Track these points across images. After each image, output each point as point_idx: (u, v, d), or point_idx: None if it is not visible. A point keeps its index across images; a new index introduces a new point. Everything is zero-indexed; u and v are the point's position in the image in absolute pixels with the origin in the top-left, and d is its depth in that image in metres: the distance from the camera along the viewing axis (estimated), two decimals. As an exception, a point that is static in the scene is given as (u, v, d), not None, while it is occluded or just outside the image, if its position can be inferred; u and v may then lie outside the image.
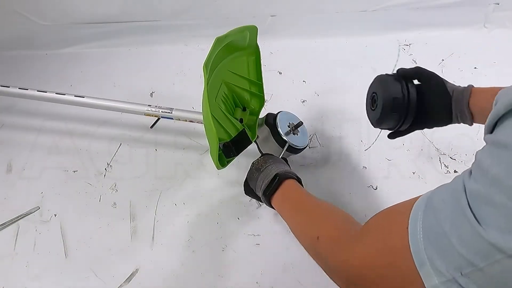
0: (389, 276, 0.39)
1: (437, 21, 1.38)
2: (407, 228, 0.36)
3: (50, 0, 1.27)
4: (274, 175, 0.67)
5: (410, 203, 0.39)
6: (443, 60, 1.25)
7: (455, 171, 0.88)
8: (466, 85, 0.63)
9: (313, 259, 0.54)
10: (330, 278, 0.49)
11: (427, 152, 0.93)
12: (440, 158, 0.92)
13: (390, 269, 0.39)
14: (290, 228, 0.64)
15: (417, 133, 0.97)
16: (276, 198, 0.67)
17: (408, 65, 0.70)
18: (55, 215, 0.82)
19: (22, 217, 0.82)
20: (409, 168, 0.89)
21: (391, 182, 0.86)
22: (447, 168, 0.89)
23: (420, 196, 0.39)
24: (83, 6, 1.30)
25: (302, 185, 0.71)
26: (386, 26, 1.38)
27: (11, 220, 0.81)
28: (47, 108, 1.07)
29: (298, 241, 0.76)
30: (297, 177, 0.70)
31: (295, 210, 0.64)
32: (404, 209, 0.39)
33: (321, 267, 0.52)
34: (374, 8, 1.35)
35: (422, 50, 1.32)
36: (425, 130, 0.71)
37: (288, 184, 0.67)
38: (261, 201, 0.72)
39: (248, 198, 0.84)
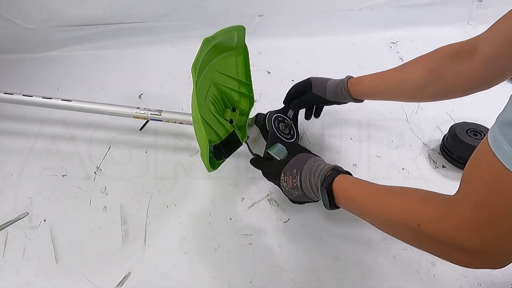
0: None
1: (422, 19, 1.40)
2: (497, 157, 0.37)
3: (34, 3, 1.26)
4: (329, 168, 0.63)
5: (483, 143, 0.39)
6: (429, 57, 1.27)
7: (443, 166, 0.89)
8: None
9: (416, 247, 0.50)
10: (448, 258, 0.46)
11: (415, 148, 0.95)
12: (428, 154, 0.93)
13: (505, 194, 0.37)
14: (368, 220, 0.59)
15: (405, 129, 0.99)
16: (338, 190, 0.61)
17: (395, 62, 0.72)
18: (45, 220, 0.81)
19: (11, 224, 0.81)
20: (398, 165, 0.90)
21: (380, 179, 0.86)
22: (435, 163, 0.90)
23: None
24: (69, 9, 1.28)
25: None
26: (373, 25, 1.40)
27: (-1, 226, 0.80)
28: (33, 112, 1.06)
29: (294, 242, 0.76)
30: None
31: (368, 203, 0.58)
32: (482, 148, 0.40)
33: (431, 252, 0.48)
34: (360, 7, 1.36)
35: (409, 48, 1.34)
36: (413, 126, 0.72)
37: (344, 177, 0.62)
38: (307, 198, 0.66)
39: (240, 198, 0.84)
